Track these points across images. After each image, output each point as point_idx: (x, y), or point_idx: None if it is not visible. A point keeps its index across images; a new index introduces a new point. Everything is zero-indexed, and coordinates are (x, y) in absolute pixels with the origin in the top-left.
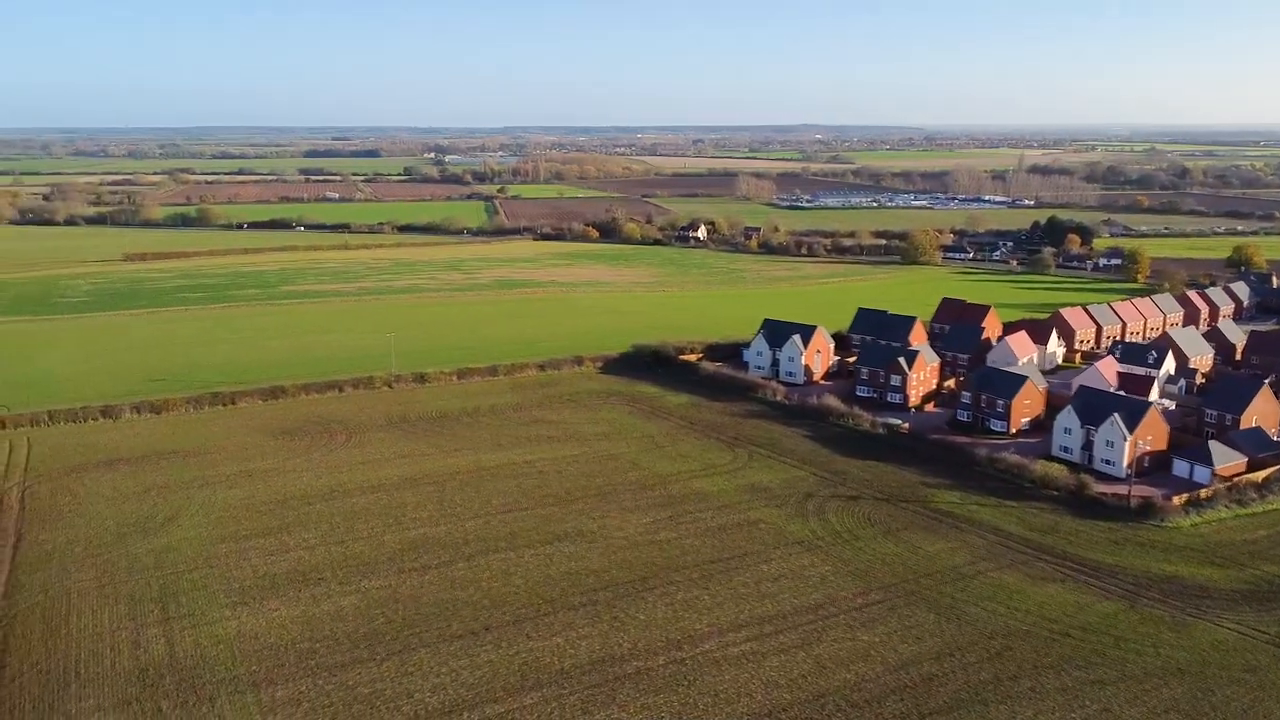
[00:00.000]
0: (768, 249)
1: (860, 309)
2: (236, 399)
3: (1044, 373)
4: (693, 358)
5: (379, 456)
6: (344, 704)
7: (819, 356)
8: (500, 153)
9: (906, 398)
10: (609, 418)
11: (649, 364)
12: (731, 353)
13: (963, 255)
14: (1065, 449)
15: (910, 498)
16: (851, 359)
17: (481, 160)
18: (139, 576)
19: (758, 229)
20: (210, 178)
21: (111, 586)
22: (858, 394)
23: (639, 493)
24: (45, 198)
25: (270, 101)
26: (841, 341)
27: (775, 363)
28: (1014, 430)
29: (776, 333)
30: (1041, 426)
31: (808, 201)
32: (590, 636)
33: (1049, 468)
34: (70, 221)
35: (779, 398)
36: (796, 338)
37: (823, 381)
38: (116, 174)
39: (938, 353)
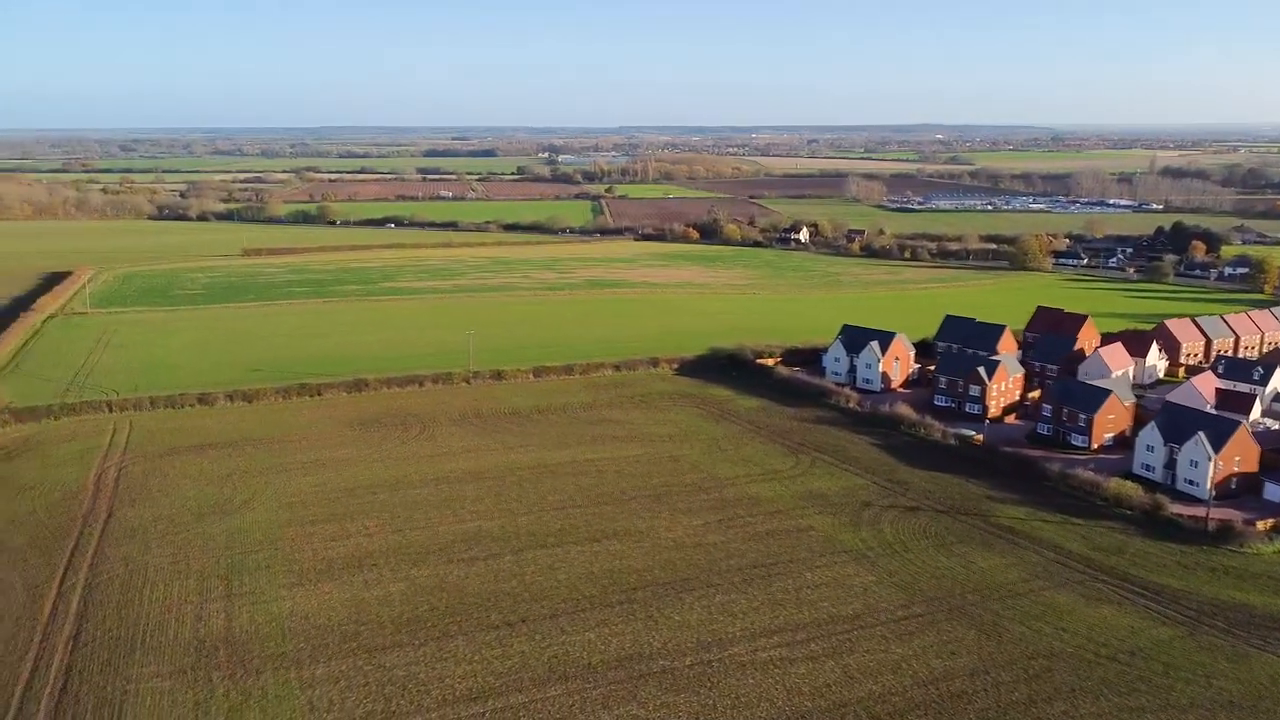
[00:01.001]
0: (870, 252)
1: (948, 316)
2: (322, 390)
3: (1143, 387)
4: (770, 362)
5: (447, 450)
6: (378, 685)
7: (897, 364)
8: (613, 152)
9: (985, 408)
10: (676, 419)
11: (725, 367)
12: (811, 358)
13: (1075, 262)
14: (1147, 467)
15: (972, 511)
16: (933, 367)
17: (592, 160)
18: (210, 554)
19: (861, 231)
20: (334, 176)
21: (184, 563)
22: (935, 403)
23: (694, 495)
24: (182, 195)
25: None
26: (928, 349)
27: (852, 369)
28: (1096, 446)
29: (854, 339)
30: (1126, 443)
31: (919, 204)
32: (622, 634)
33: (1123, 486)
34: (202, 217)
35: (851, 405)
36: (874, 344)
37: (901, 389)
38: (248, 172)
39: (1027, 363)
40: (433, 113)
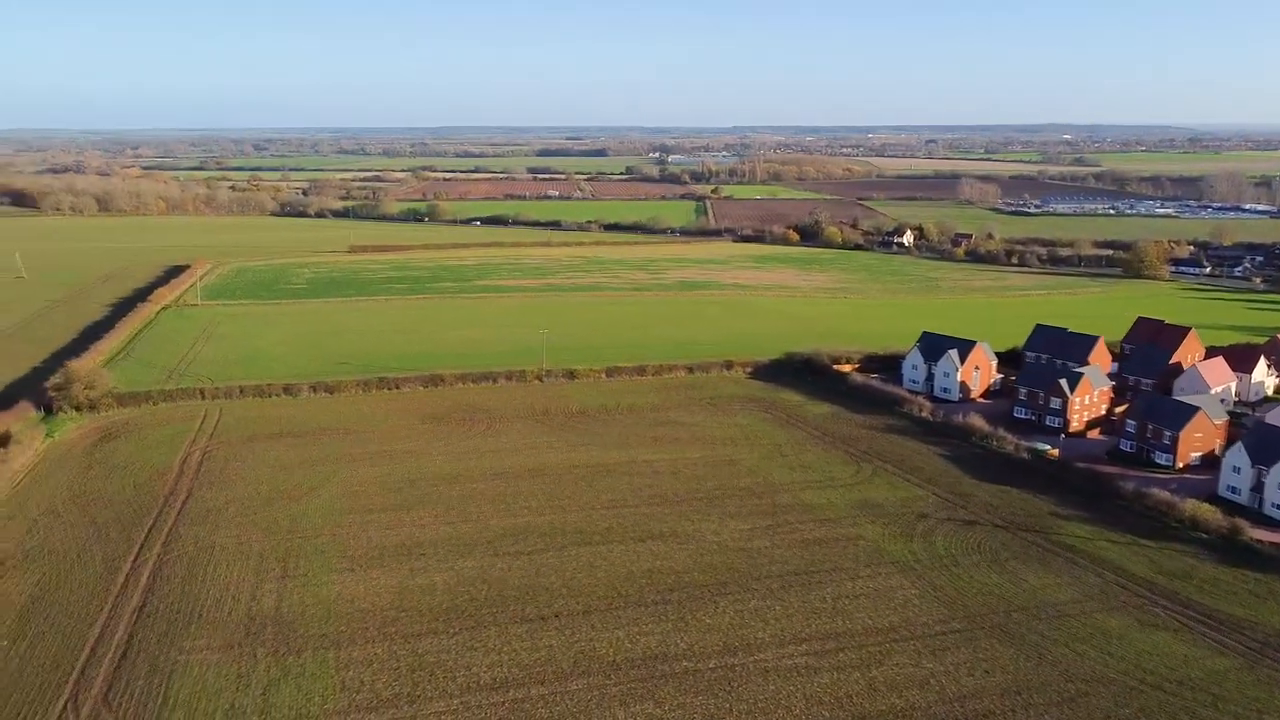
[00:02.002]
0: (975, 257)
1: (1038, 325)
2: (400, 384)
3: (1247, 404)
4: (847, 368)
5: (509, 446)
6: (407, 669)
7: (977, 373)
8: (723, 153)
9: (1066, 422)
10: (741, 423)
11: (799, 372)
12: (890, 364)
13: (1196, 270)
14: (1233, 489)
15: (1033, 527)
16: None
17: (700, 160)
18: (273, 537)
19: (968, 235)
20: (448, 175)
21: (248, 544)
22: (1015, 415)
23: (746, 499)
24: (303, 192)
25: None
26: (1017, 360)
27: (930, 377)
28: (1181, 465)
29: (933, 346)
30: (1215, 464)
31: (1035, 207)
32: (651, 633)
33: (1199, 508)
34: (319, 214)
35: (924, 414)
36: (953, 352)
37: (980, 400)
38: (368, 171)
39: (1121, 376)
40: (549, 113)
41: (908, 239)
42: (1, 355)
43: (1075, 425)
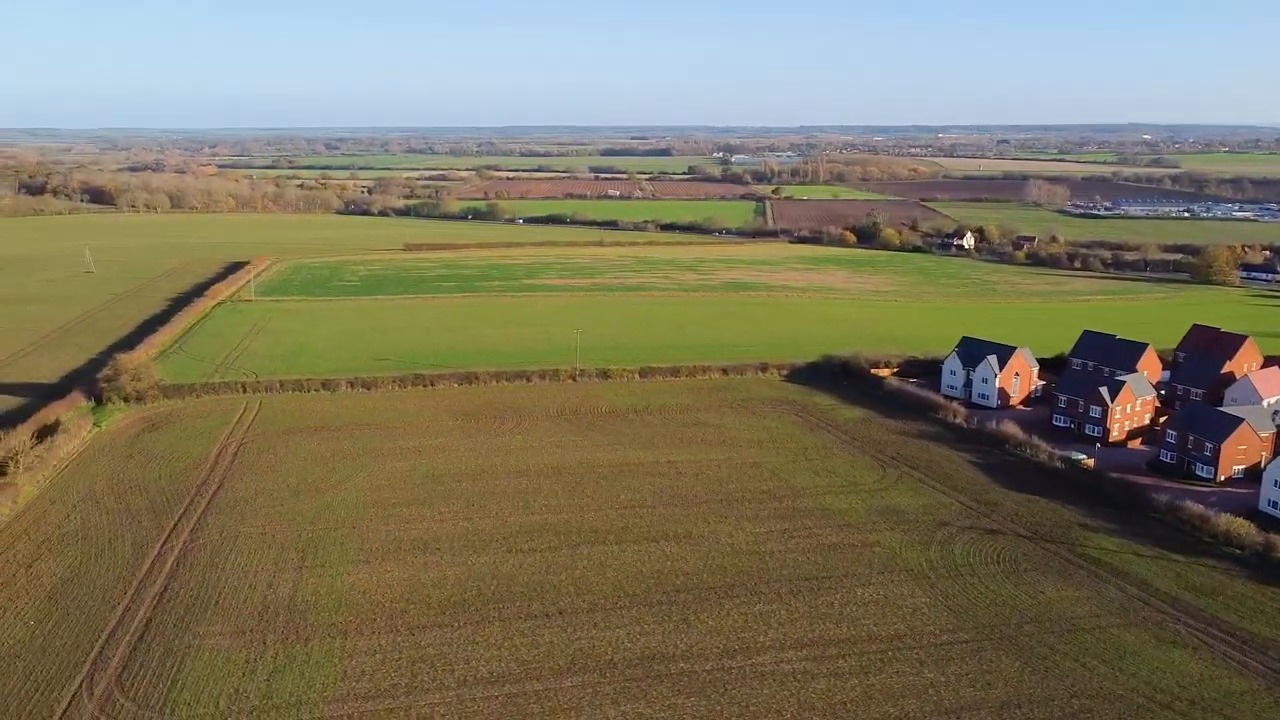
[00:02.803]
0: (1036, 260)
1: (1085, 331)
2: (435, 381)
3: None
4: (886, 372)
5: (536, 444)
6: (408, 661)
7: (1017, 380)
8: (788, 153)
9: (1106, 431)
10: (770, 426)
11: (836, 375)
12: (930, 369)
13: (1269, 276)
14: (1274, 504)
15: (1059, 538)
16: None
17: (763, 161)
18: (295, 529)
19: (1031, 238)
20: (511, 174)
21: (271, 534)
22: (1054, 423)
23: (765, 503)
24: (369, 191)
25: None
26: (1062, 366)
27: (968, 383)
28: (1223, 478)
29: (971, 351)
30: (1259, 477)
31: (1105, 209)
32: (651, 633)
33: (1234, 522)
34: (383, 213)
35: (958, 420)
36: (992, 358)
37: (1020, 407)
38: (434, 170)
39: (1170, 385)
40: (615, 113)
41: (968, 241)
42: (64, 347)
43: (1116, 435)
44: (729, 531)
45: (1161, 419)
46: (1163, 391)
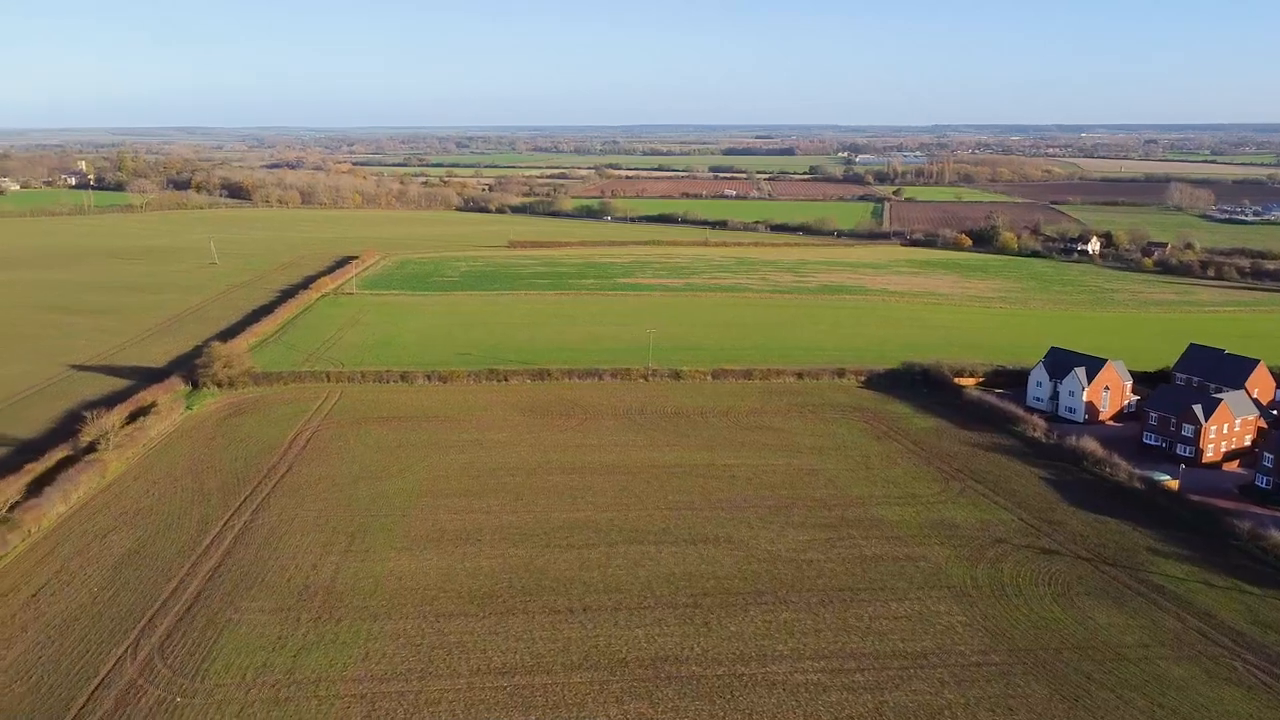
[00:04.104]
0: (1165, 268)
1: (1191, 345)
2: (509, 377)
3: None
4: (969, 382)
5: (595, 443)
6: (428, 647)
7: (1107, 393)
8: (916, 153)
9: (1199, 451)
10: (836, 432)
11: (916, 383)
12: (1019, 380)
13: None
14: None
15: (1121, 562)
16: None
17: (888, 161)
18: (349, 514)
19: (1162, 245)
20: (630, 173)
21: (325, 519)
22: (1144, 441)
23: (814, 511)
24: (489, 188)
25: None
26: (1164, 380)
27: (1055, 396)
28: None
29: (1059, 363)
30: None
31: (1254, 214)
32: (669, 635)
33: None
34: (499, 210)
35: (1036, 434)
36: (1080, 370)
37: (1110, 422)
38: (556, 168)
39: None
40: (741, 111)
41: (1092, 247)
42: (177, 333)
43: (1210, 455)
44: (771, 538)
45: None
46: (1276, 412)
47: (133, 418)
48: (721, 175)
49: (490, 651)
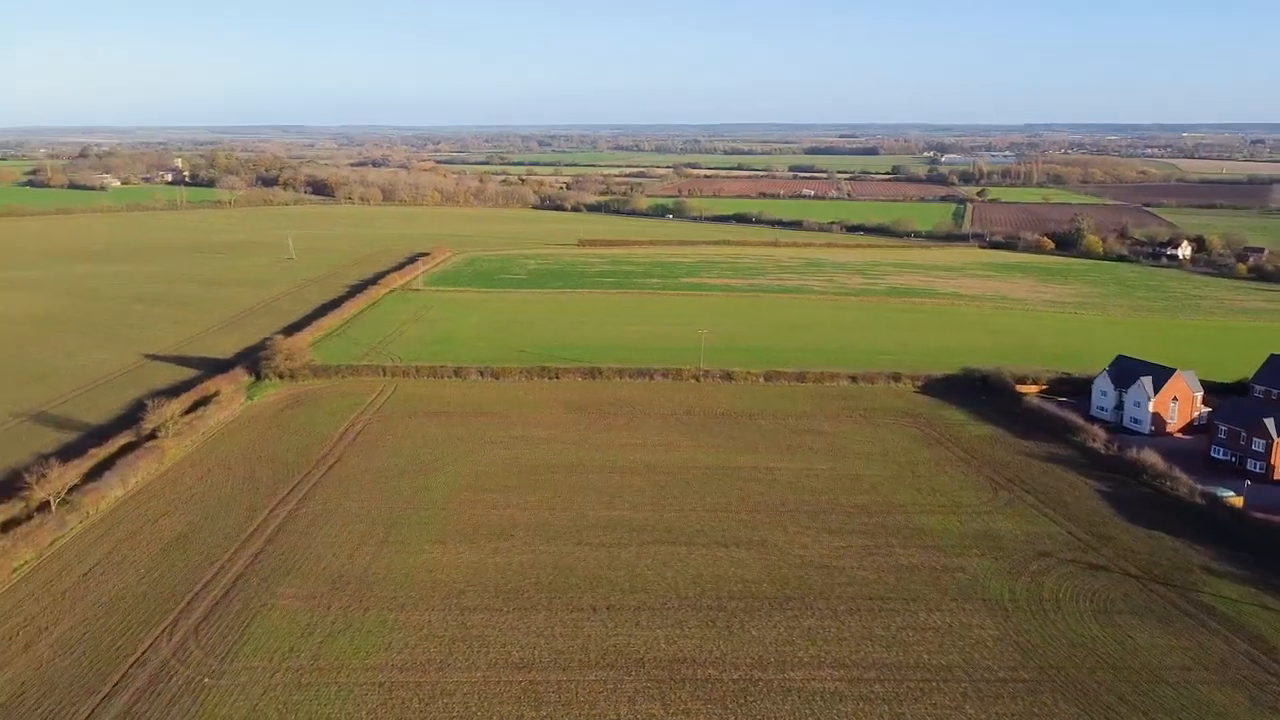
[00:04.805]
0: (1260, 275)
1: (1272, 355)
2: (561, 375)
3: None
4: (1032, 389)
5: (639, 442)
6: (449, 640)
7: (1175, 405)
8: (1005, 152)
9: (1270, 467)
10: (886, 438)
11: (975, 389)
12: (1083, 389)
13: None
14: None
15: (1172, 581)
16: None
17: (974, 161)
18: (390, 506)
19: (1259, 250)
20: (709, 173)
21: (366, 509)
22: (1212, 455)
23: (854, 517)
24: (566, 186)
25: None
26: (1242, 393)
27: (1119, 406)
28: None
29: (1125, 372)
30: None
31: None
32: (689, 637)
33: None
34: (575, 208)
35: (1095, 445)
36: (1146, 380)
37: (1177, 435)
38: (634, 167)
39: None
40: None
41: (1182, 251)
42: (247, 326)
43: None
44: (805, 543)
45: None
46: None
47: (196, 406)
48: (801, 175)
49: (509, 646)
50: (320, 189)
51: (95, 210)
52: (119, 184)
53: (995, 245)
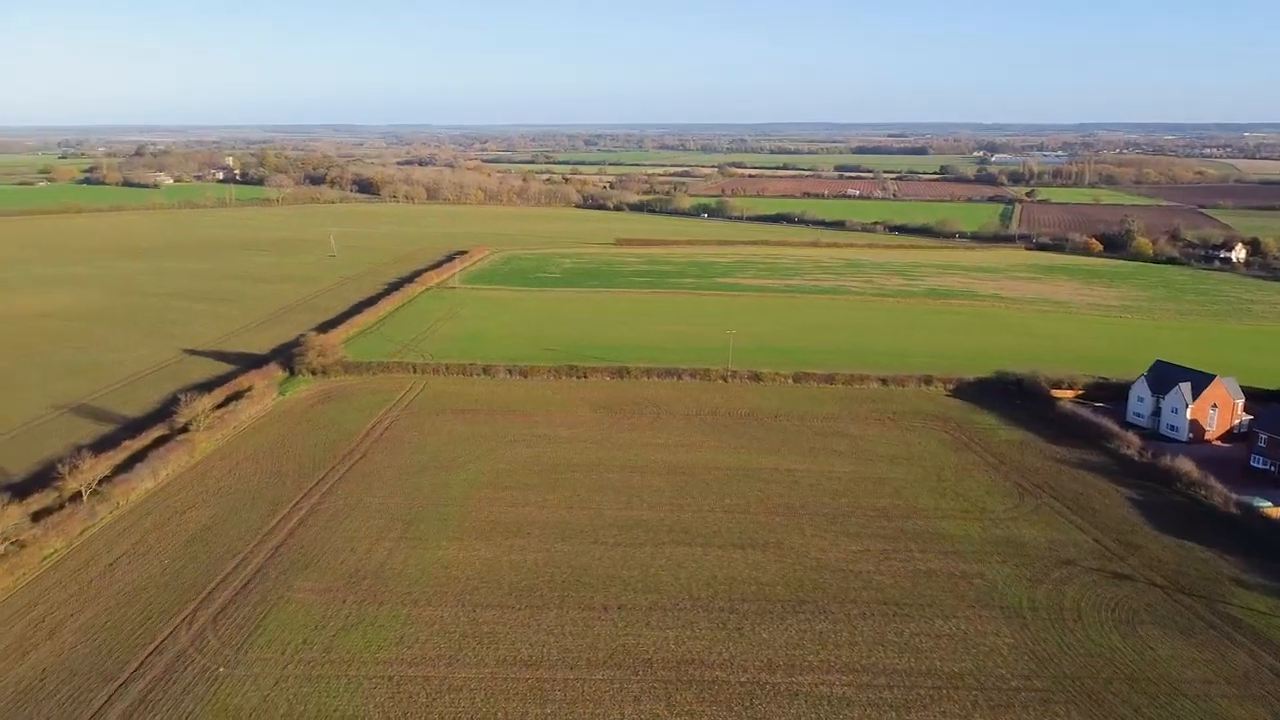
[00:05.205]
0: None
1: None
2: (588, 374)
3: None
4: (1068, 394)
5: (661, 442)
6: (460, 636)
7: (1214, 412)
8: (1058, 152)
9: None
10: (913, 441)
11: (1008, 393)
12: (1121, 394)
13: None
14: None
15: (1199, 592)
16: None
17: (1023, 161)
18: (410, 502)
19: None
20: (753, 172)
21: (386, 505)
22: (1251, 464)
23: (874, 520)
24: (610, 186)
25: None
26: None
27: (1157, 412)
28: None
29: (1162, 377)
30: None
31: None
32: (699, 638)
33: None
34: (617, 207)
35: (1129, 451)
36: (1184, 386)
37: (1216, 443)
38: (679, 166)
39: None
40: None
41: (1236, 254)
42: (285, 322)
43: None
44: (822, 546)
45: None
46: None
47: (228, 401)
48: (847, 174)
49: (519, 643)
50: (366, 187)
51: (147, 208)
52: (171, 182)
53: (1042, 247)
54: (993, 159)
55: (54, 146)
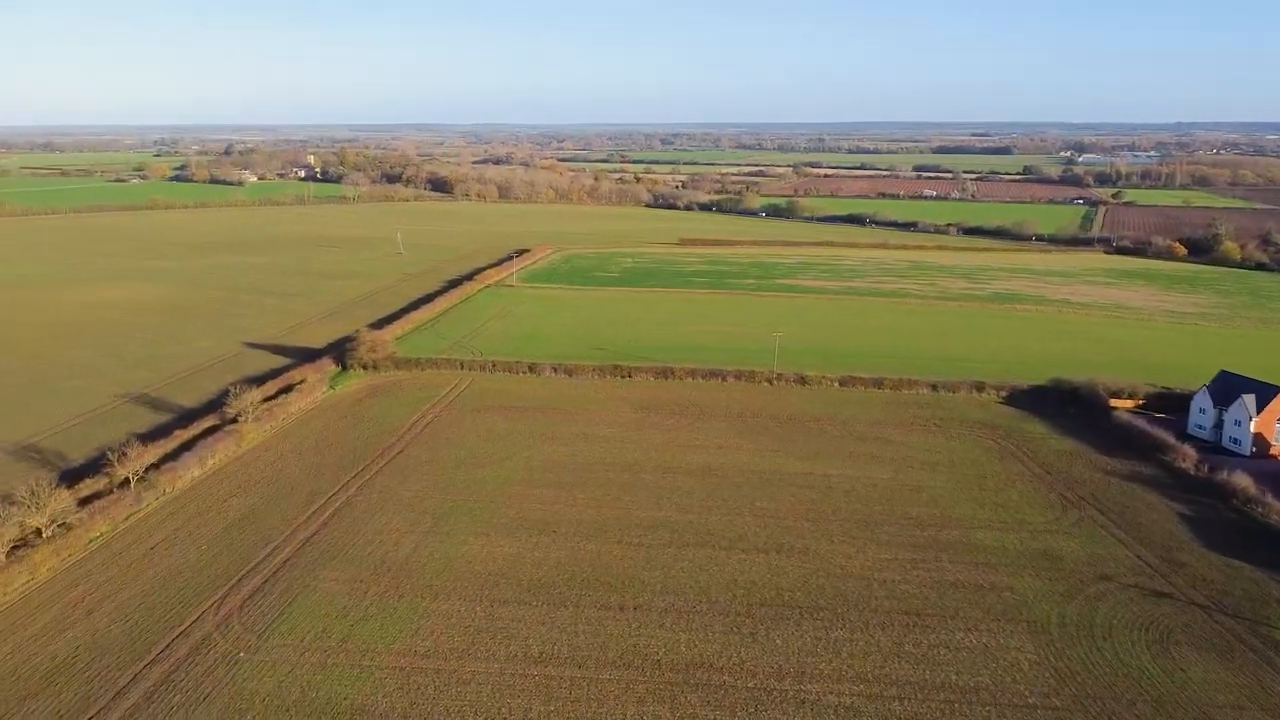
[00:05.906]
0: None
1: None
2: (633, 373)
3: None
4: (1126, 404)
5: (699, 443)
6: (474, 630)
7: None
8: (1150, 152)
9: None
10: (957, 449)
11: (1063, 402)
12: (1183, 405)
13: None
14: None
15: (1243, 613)
16: None
17: (1111, 161)
18: (443, 497)
19: None
20: (829, 171)
21: (419, 499)
22: None
23: (907, 529)
24: (682, 185)
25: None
26: None
27: (1219, 425)
28: None
29: (1226, 389)
30: None
31: None
32: (711, 642)
33: None
34: (687, 207)
35: (1185, 465)
36: (1248, 398)
37: None
38: (754, 165)
39: None
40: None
41: None
42: (345, 317)
43: None
44: (849, 554)
45: None
46: None
47: (279, 394)
48: (925, 175)
49: (531, 640)
50: (439, 186)
51: (229, 205)
52: (255, 179)
53: (1122, 250)
54: (1080, 159)
55: (150, 145)
